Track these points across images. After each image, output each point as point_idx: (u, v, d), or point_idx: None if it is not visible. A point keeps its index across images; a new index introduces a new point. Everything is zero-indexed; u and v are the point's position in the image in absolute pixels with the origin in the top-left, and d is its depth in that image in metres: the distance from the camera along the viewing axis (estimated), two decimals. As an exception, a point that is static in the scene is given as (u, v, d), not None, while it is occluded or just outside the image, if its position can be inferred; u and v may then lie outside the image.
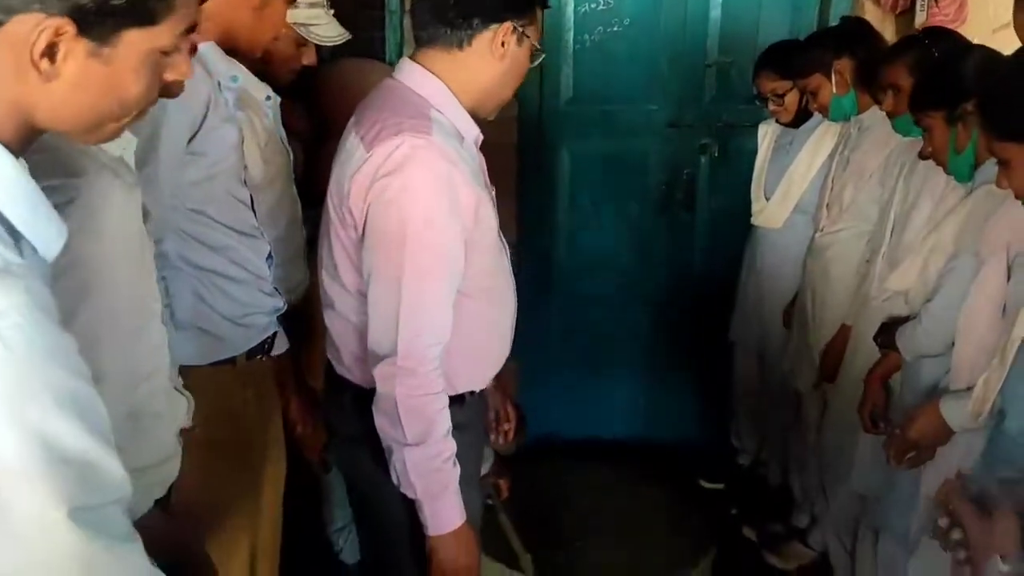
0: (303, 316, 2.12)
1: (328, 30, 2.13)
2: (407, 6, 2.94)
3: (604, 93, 3.25)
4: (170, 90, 0.99)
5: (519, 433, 3.26)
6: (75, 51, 0.81)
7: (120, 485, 0.83)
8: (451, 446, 1.58)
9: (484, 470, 2.08)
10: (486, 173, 1.69)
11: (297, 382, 2.01)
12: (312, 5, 2.08)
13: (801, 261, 2.76)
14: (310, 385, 2.06)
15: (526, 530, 2.77)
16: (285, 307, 1.88)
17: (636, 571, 2.74)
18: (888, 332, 2.14)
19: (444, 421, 1.57)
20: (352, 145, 1.56)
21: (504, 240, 1.75)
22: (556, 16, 3.14)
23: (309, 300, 2.06)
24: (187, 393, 1.44)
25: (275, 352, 1.95)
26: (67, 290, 1.03)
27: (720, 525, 3.07)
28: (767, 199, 2.90)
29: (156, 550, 1.16)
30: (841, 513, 2.60)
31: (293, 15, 2.00)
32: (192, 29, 0.93)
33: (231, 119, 1.70)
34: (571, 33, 3.18)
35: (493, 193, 1.75)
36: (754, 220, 2.96)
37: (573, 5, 3.16)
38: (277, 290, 1.85)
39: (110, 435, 0.83)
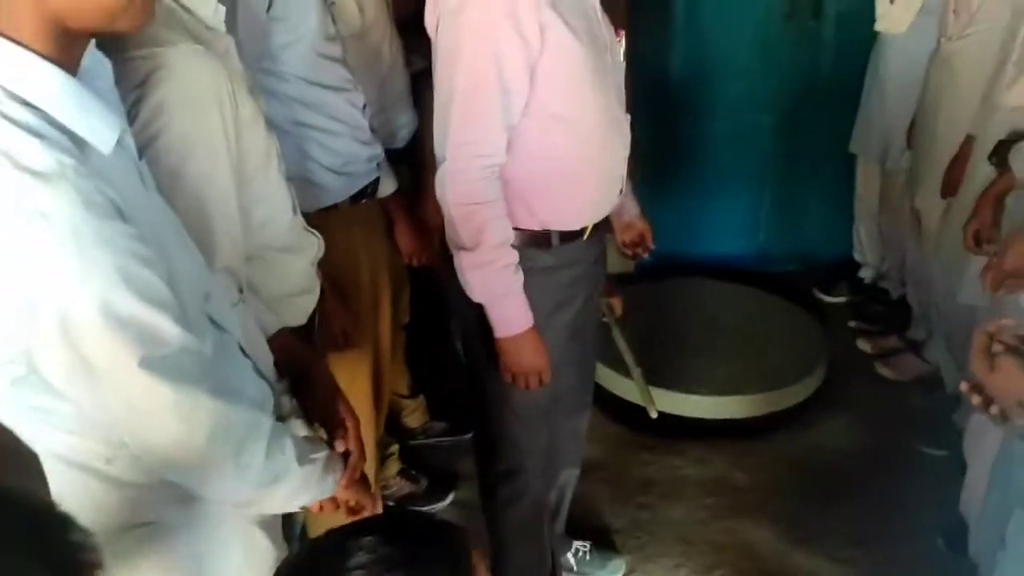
0: (416, 156, 2.23)
1: None
2: None
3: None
4: None
5: (642, 250, 3.36)
6: None
7: (179, 339, 0.98)
8: (507, 255, 1.67)
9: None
10: (599, 15, 1.69)
11: (406, 213, 2.15)
12: None
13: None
14: (422, 217, 2.20)
15: (644, 345, 2.91)
16: (382, 153, 2.00)
17: (747, 380, 2.86)
18: (1004, 150, 2.05)
19: (497, 231, 1.65)
20: None
21: (613, 73, 1.73)
22: None
23: (420, 140, 2.16)
24: (315, 232, 1.61)
25: (381, 194, 2.09)
26: (165, 151, 1.19)
27: (838, 338, 3.13)
28: (892, 1, 2.72)
29: (282, 364, 1.38)
30: (953, 327, 2.59)
31: None
32: None
33: None
34: None
35: (616, 40, 1.75)
36: (878, 25, 2.80)
37: None
38: (375, 137, 1.96)
39: (168, 302, 0.98)
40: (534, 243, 1.76)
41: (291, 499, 1.21)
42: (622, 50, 1.83)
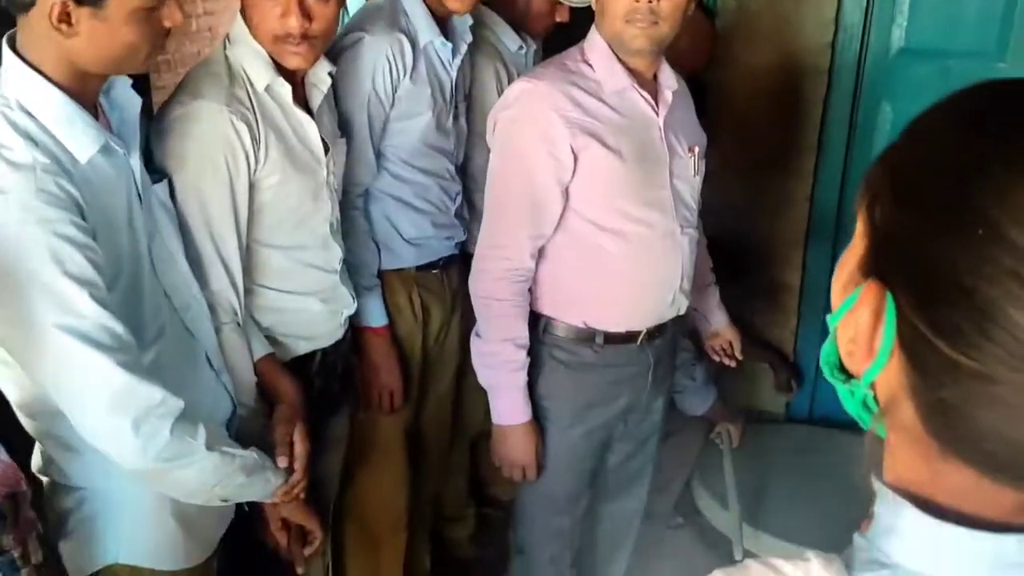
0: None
1: None
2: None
3: (944, 47, 2.95)
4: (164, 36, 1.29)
5: (788, 388, 3.26)
6: (81, 16, 1.19)
7: (96, 314, 1.18)
8: (509, 353, 1.79)
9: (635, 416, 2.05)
10: (661, 131, 1.79)
11: None
12: None
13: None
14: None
15: (758, 486, 2.81)
16: (464, 236, 2.22)
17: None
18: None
19: (505, 329, 1.79)
20: None
21: (682, 203, 1.83)
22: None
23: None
24: (352, 293, 1.86)
25: None
26: (179, 185, 1.49)
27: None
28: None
29: (263, 386, 1.61)
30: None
31: None
32: None
33: (431, 81, 2.02)
34: (911, -22, 2.92)
35: (687, 155, 1.85)
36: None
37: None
38: (459, 222, 2.20)
39: (91, 282, 1.18)
40: (579, 338, 1.87)
41: (203, 485, 1.35)
42: (693, 165, 1.88)
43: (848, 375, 0.62)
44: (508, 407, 1.84)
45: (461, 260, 2.24)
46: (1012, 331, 0.49)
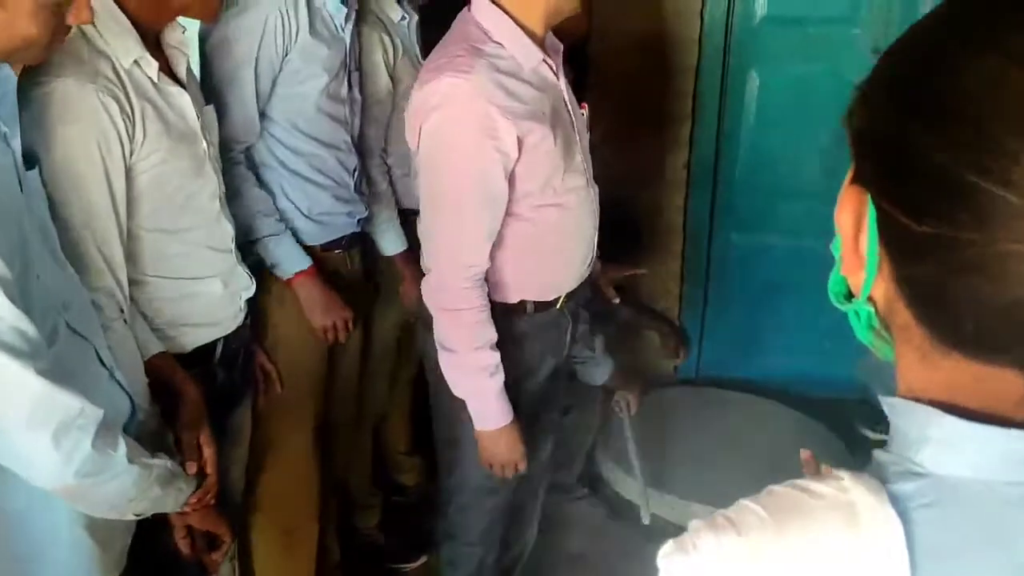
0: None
1: None
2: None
3: (804, 14, 3.09)
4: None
5: (676, 354, 3.34)
6: None
7: (9, 314, 1.08)
8: (486, 358, 1.73)
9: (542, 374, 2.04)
10: (565, 96, 1.78)
11: (414, 268, 2.21)
12: None
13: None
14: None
15: (657, 446, 2.87)
16: (366, 213, 2.16)
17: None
18: None
19: (478, 336, 1.72)
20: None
21: (587, 161, 1.83)
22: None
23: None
24: (248, 273, 1.77)
25: (388, 253, 2.27)
26: (48, 170, 1.36)
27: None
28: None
29: (156, 386, 1.51)
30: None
31: None
32: None
33: (327, 41, 1.94)
34: (769, -51, 3.04)
35: (581, 113, 1.84)
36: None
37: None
38: (360, 198, 2.13)
39: (5, 276, 1.07)
40: (510, 312, 1.83)
41: (122, 499, 1.26)
42: (586, 121, 1.88)
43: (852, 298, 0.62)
44: (494, 412, 1.79)
45: (362, 241, 2.19)
46: (969, 193, 0.50)
